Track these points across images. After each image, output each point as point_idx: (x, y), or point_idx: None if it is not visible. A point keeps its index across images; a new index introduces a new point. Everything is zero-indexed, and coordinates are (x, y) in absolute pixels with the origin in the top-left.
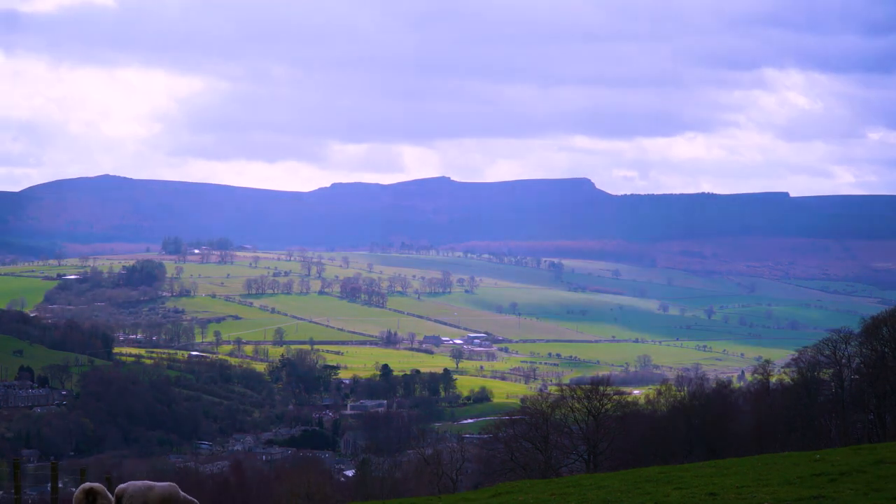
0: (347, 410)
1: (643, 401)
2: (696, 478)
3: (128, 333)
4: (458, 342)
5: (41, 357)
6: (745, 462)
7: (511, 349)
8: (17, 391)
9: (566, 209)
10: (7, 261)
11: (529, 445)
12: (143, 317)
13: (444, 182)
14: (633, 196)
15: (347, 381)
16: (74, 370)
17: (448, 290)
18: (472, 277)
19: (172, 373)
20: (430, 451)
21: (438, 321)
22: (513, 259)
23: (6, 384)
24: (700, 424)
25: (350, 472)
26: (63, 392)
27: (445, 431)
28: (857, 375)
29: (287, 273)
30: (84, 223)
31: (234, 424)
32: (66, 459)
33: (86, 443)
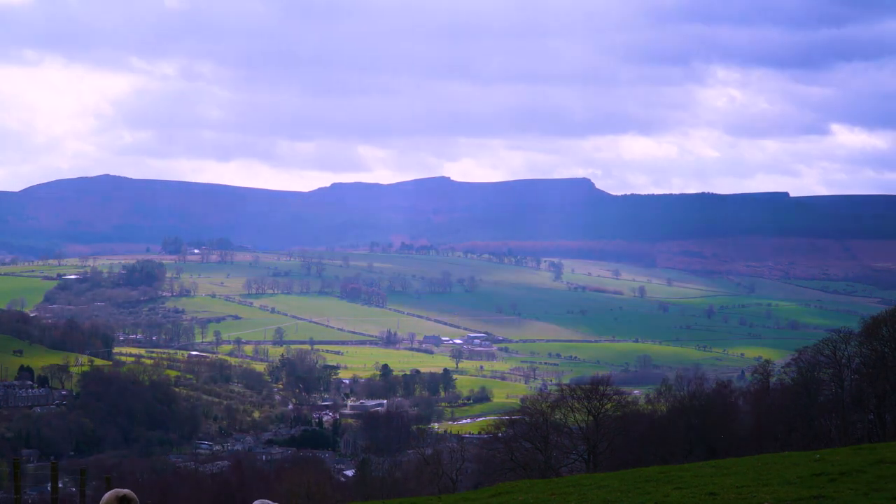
0: (347, 410)
1: (643, 401)
2: (696, 478)
3: (128, 333)
4: (458, 342)
5: (41, 357)
6: (745, 462)
7: (511, 349)
8: (17, 391)
9: (566, 209)
10: (7, 261)
11: (529, 445)
12: (143, 317)
13: (444, 182)
14: (633, 196)
15: (347, 381)
16: (74, 370)
17: (448, 290)
18: (472, 277)
19: (172, 373)
20: (430, 451)
21: (438, 321)
22: (513, 259)
23: (6, 384)
24: (700, 424)
25: (350, 472)
26: (63, 392)
27: (445, 431)
28: (857, 375)
29: (287, 273)
30: (84, 223)
31: (234, 424)
32: (66, 459)
33: (86, 443)
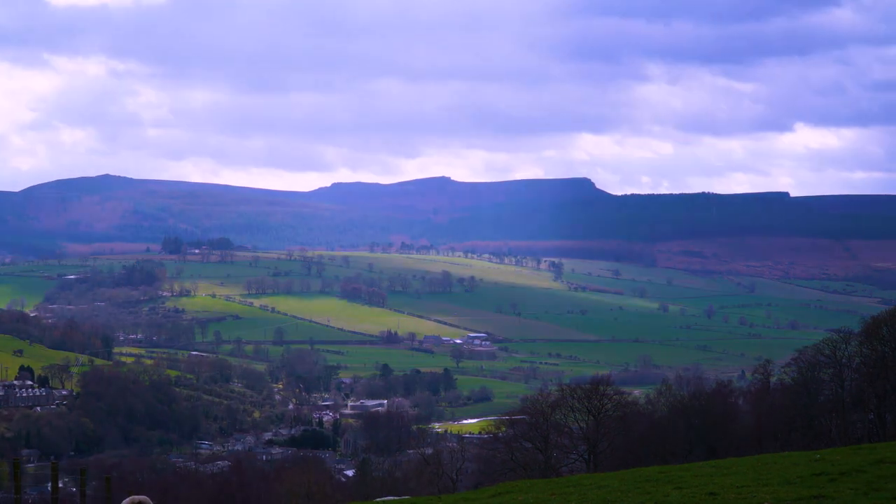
0: (347, 410)
1: (643, 401)
2: (696, 477)
3: (128, 333)
4: (459, 342)
5: (41, 357)
6: (745, 462)
7: (511, 349)
8: (17, 391)
9: (566, 209)
10: (7, 261)
11: (529, 445)
12: (143, 317)
13: (444, 182)
14: (633, 196)
15: (347, 381)
16: (74, 370)
17: (448, 290)
18: (472, 277)
19: (172, 373)
20: (430, 451)
21: (438, 321)
22: (513, 259)
23: (6, 384)
24: (700, 424)
25: (350, 472)
26: (63, 392)
27: (445, 431)
28: (858, 375)
29: (287, 273)
30: (84, 223)
31: (234, 424)
32: (66, 459)
33: (86, 443)
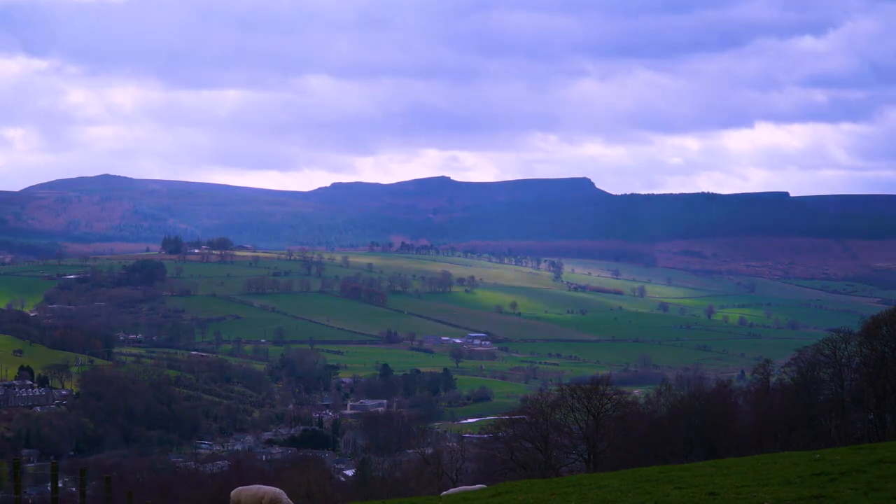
0: (347, 410)
1: (643, 401)
2: (696, 477)
3: (128, 333)
4: (458, 342)
5: (41, 357)
6: (745, 462)
7: (511, 349)
8: (17, 391)
9: (566, 209)
10: (7, 261)
11: (529, 445)
12: (143, 317)
13: (444, 182)
14: (633, 196)
15: (347, 381)
16: (74, 370)
17: (448, 290)
18: (472, 277)
19: (172, 372)
20: (430, 451)
21: (438, 321)
22: (513, 259)
23: (6, 384)
24: (700, 424)
25: (350, 472)
26: (63, 392)
27: (445, 431)
28: (858, 375)
29: (287, 273)
30: (84, 223)
31: (234, 424)
32: (66, 459)
33: (86, 442)
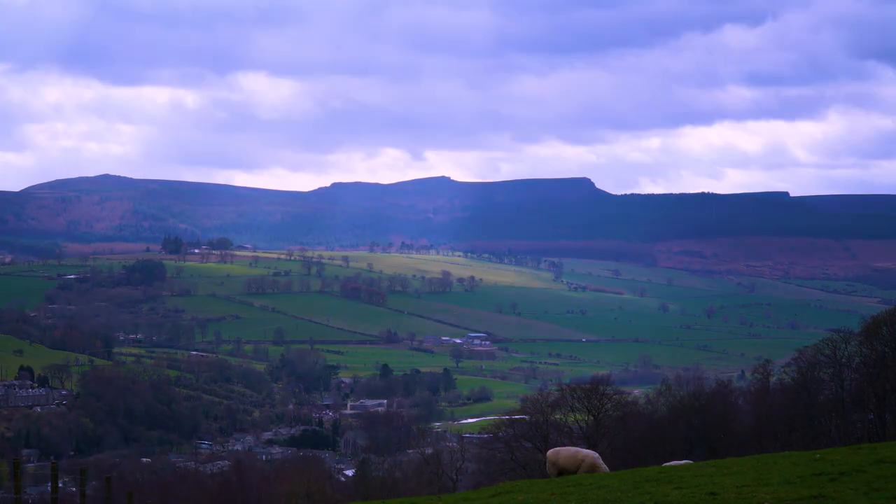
0: (347, 410)
1: (643, 401)
2: (696, 477)
3: (128, 333)
4: (458, 342)
5: (41, 357)
6: (745, 462)
7: (511, 349)
8: (17, 391)
9: (566, 209)
10: (7, 261)
11: (529, 445)
12: (144, 317)
13: (444, 182)
14: (633, 196)
15: (347, 381)
16: (74, 370)
17: (448, 290)
18: (472, 277)
19: (172, 372)
20: (430, 451)
21: (438, 321)
22: (513, 259)
23: (6, 384)
24: (700, 424)
25: (350, 472)
26: (63, 392)
27: (445, 431)
28: (858, 375)
29: (287, 273)
30: (84, 223)
31: (234, 424)
32: (66, 459)
33: (86, 442)
